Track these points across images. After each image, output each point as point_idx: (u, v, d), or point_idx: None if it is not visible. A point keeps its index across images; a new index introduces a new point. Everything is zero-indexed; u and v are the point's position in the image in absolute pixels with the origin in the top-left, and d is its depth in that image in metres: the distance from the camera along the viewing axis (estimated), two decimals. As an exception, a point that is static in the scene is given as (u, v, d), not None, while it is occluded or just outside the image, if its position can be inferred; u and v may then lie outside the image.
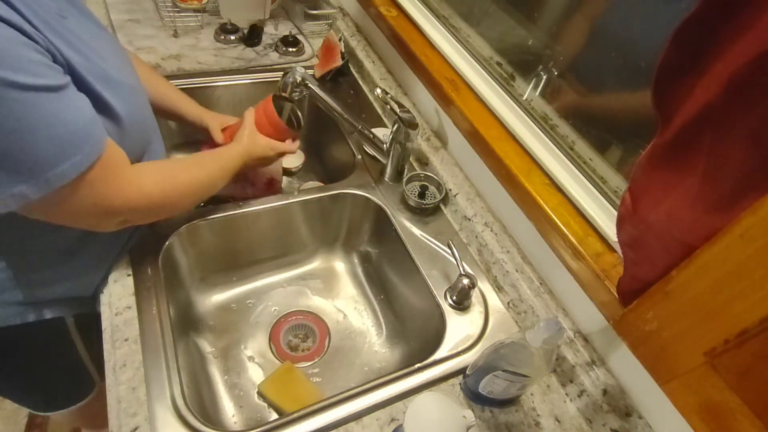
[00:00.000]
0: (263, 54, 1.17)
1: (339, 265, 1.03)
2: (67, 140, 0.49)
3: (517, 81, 0.87)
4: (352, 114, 0.88)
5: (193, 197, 0.71)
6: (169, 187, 0.65)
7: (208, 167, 0.74)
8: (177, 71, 1.06)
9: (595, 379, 0.67)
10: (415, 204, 0.90)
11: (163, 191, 0.64)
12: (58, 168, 0.49)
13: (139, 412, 0.58)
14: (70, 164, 0.50)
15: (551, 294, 0.75)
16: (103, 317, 0.67)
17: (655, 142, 0.48)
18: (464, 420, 0.53)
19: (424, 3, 1.09)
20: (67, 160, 0.49)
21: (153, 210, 0.64)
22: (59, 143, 0.48)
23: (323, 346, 0.89)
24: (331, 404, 0.63)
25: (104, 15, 1.15)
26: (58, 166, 0.49)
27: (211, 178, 0.74)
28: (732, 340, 0.43)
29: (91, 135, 0.52)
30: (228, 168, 0.77)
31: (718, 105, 0.42)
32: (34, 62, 0.46)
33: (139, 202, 0.60)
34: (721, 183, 0.44)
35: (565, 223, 0.70)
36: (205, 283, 0.92)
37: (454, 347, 0.73)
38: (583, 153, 0.75)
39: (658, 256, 0.50)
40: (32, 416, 1.38)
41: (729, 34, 0.40)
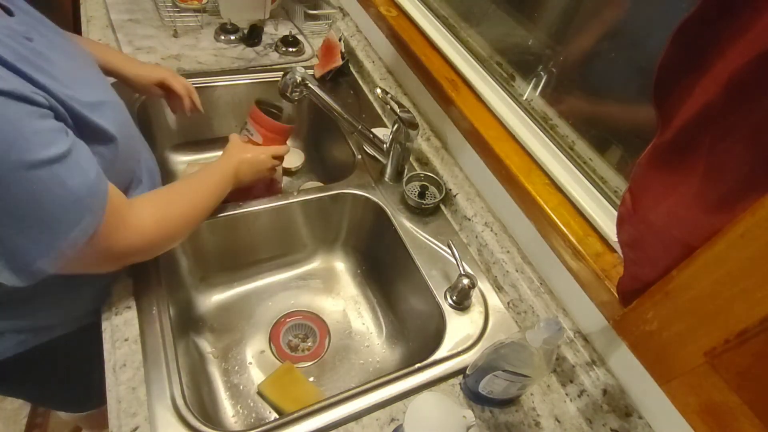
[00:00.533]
0: (263, 54, 1.17)
1: (339, 265, 1.03)
2: (75, 206, 0.49)
3: (517, 81, 0.87)
4: (352, 114, 0.88)
5: (192, 225, 0.70)
6: (168, 223, 0.64)
7: (202, 189, 0.73)
8: (176, 71, 1.06)
9: (595, 379, 0.67)
10: (415, 204, 0.90)
11: (162, 229, 0.63)
12: (69, 236, 0.49)
13: (139, 412, 0.58)
14: (80, 229, 0.50)
15: (551, 294, 0.75)
16: (103, 317, 0.67)
17: (655, 142, 0.48)
18: (464, 420, 0.53)
19: (424, 3, 1.09)
20: (75, 227, 0.49)
21: (154, 248, 0.64)
22: (69, 212, 0.49)
23: (323, 346, 0.89)
24: (330, 404, 0.63)
25: (104, 15, 1.15)
26: (68, 234, 0.49)
27: (207, 199, 0.73)
28: (732, 340, 0.43)
29: (97, 193, 0.52)
30: (221, 183, 0.76)
31: (718, 105, 0.42)
32: (42, 132, 0.46)
33: (141, 245, 0.60)
34: (721, 183, 0.44)
35: (565, 223, 0.70)
36: (205, 283, 0.92)
37: (454, 347, 0.73)
38: (583, 153, 0.75)
39: (658, 256, 0.50)
40: (32, 416, 1.38)
41: (729, 34, 0.40)
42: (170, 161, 1.14)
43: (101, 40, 1.08)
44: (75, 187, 0.48)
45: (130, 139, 0.66)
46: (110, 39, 1.09)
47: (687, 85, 0.44)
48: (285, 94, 0.84)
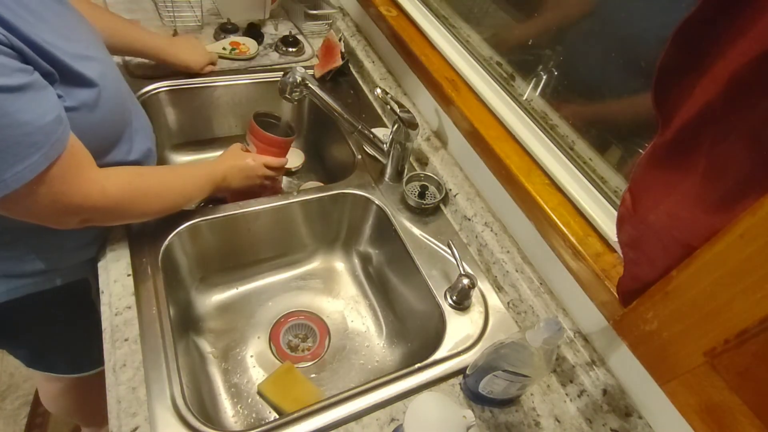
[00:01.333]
0: (263, 54, 1.17)
1: (339, 265, 1.03)
2: (23, 141, 0.49)
3: (517, 81, 0.87)
4: (352, 114, 0.88)
5: (162, 203, 0.71)
6: (135, 192, 0.65)
7: (183, 176, 0.75)
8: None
9: (595, 379, 0.67)
10: (415, 204, 0.90)
11: (127, 194, 0.64)
12: (14, 169, 0.49)
13: (139, 412, 0.58)
14: (27, 165, 0.50)
15: (551, 294, 0.75)
16: (103, 317, 0.67)
17: (655, 141, 0.48)
18: (464, 420, 0.53)
19: (424, 3, 1.09)
20: (22, 162, 0.50)
21: (115, 212, 0.64)
22: (14, 145, 0.49)
23: (323, 346, 0.89)
24: (331, 404, 0.63)
25: (104, 15, 1.15)
26: (13, 168, 0.49)
27: (185, 186, 0.74)
28: (732, 340, 0.43)
29: (51, 135, 0.52)
30: (205, 178, 0.77)
31: (718, 105, 0.42)
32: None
33: (101, 203, 0.60)
34: (721, 183, 0.44)
35: (565, 223, 0.70)
36: (205, 283, 0.92)
37: (454, 347, 0.73)
38: (583, 153, 0.75)
39: (658, 256, 0.50)
40: (32, 416, 1.38)
41: (729, 34, 0.40)
42: (170, 161, 1.14)
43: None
44: (24, 122, 0.49)
45: (118, 94, 0.67)
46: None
47: (687, 85, 0.44)
48: (285, 94, 0.84)
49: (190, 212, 0.83)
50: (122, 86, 0.70)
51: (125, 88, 0.72)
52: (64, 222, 0.61)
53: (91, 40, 0.66)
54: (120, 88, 0.68)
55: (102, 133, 0.64)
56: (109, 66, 0.67)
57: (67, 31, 0.59)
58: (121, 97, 0.68)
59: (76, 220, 0.61)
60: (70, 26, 0.62)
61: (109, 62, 0.68)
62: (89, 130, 0.59)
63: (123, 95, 0.69)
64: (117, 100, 0.66)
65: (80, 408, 1.13)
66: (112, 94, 0.64)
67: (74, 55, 0.57)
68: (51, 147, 0.52)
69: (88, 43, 0.64)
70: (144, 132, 0.76)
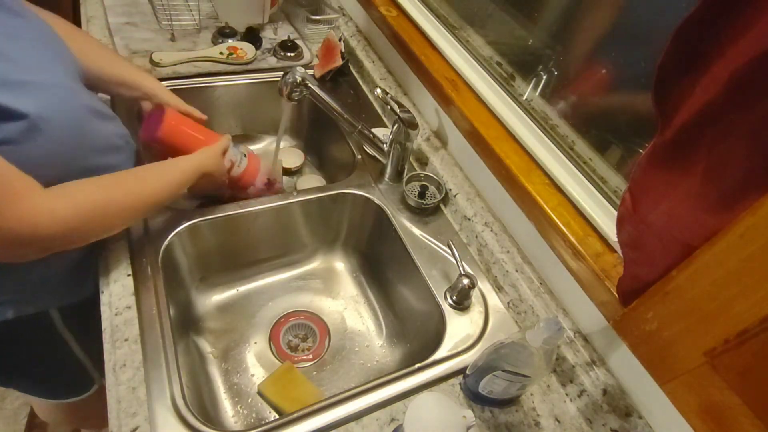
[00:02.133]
0: (261, 59, 1.17)
1: (339, 265, 1.03)
2: None
3: (517, 81, 0.87)
4: (352, 114, 0.88)
5: (129, 214, 0.65)
6: (94, 209, 0.59)
7: (152, 178, 0.68)
8: (173, 74, 1.06)
9: (595, 379, 0.67)
10: (415, 204, 0.90)
11: (84, 213, 0.58)
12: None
13: (139, 412, 0.58)
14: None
15: (551, 294, 0.75)
16: (103, 317, 0.67)
17: (655, 141, 0.48)
18: (464, 420, 0.53)
19: (424, 3, 1.09)
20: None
21: (73, 235, 0.58)
22: None
23: (323, 346, 0.89)
24: (331, 404, 0.63)
25: (102, 18, 1.15)
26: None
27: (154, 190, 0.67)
28: (732, 340, 0.43)
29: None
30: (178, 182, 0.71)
31: (718, 105, 0.42)
32: None
33: (52, 229, 0.54)
34: (721, 183, 0.44)
35: (565, 223, 0.70)
36: (205, 283, 0.92)
37: (454, 347, 0.73)
38: (583, 153, 0.75)
39: (658, 256, 0.50)
40: (32, 416, 1.38)
41: (729, 34, 0.40)
42: (170, 161, 1.14)
43: (100, 41, 1.08)
44: None
45: (69, 123, 0.59)
46: (107, 42, 1.09)
47: (687, 85, 0.44)
48: (285, 95, 0.84)
49: (190, 212, 0.83)
50: (77, 113, 0.62)
51: (83, 114, 0.63)
52: (20, 255, 0.56)
53: (44, 60, 0.59)
54: (74, 116, 0.60)
55: (45, 169, 0.56)
56: (59, 92, 0.59)
57: (6, 47, 0.54)
58: (73, 127, 0.60)
59: (32, 250, 0.56)
60: (14, 41, 0.56)
61: (63, 86, 0.60)
62: (23, 166, 0.52)
63: (77, 122, 0.61)
64: (66, 131, 0.59)
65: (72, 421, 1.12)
66: (59, 125, 0.57)
67: (6, 81, 0.51)
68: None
69: (37, 64, 0.57)
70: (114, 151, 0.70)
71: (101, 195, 0.60)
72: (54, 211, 0.54)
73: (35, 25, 0.62)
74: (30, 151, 0.54)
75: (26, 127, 0.53)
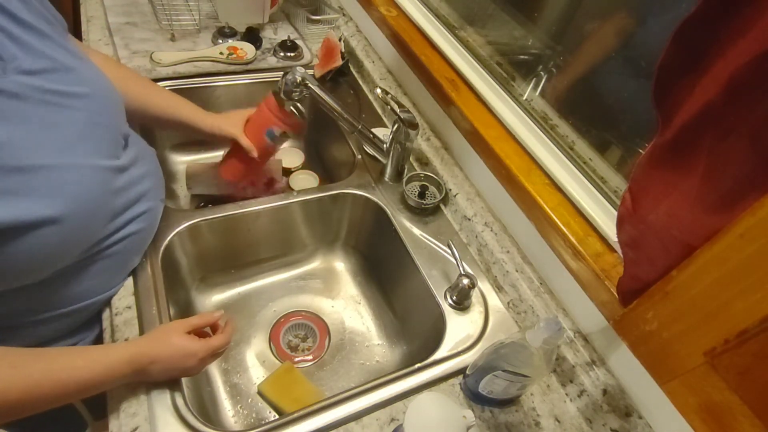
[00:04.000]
0: (261, 59, 1.17)
1: (339, 265, 1.03)
2: None
3: (517, 81, 0.87)
4: (352, 114, 0.88)
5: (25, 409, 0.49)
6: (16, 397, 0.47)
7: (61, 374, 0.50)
8: (173, 74, 1.06)
9: (595, 379, 0.67)
10: (415, 204, 0.90)
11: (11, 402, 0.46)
12: None
13: (139, 412, 0.58)
14: None
15: (551, 294, 0.75)
16: (103, 317, 0.67)
17: (655, 141, 0.48)
18: (464, 420, 0.53)
19: (424, 3, 1.09)
20: None
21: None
22: None
23: (323, 346, 0.89)
24: (331, 404, 0.63)
25: (102, 18, 1.15)
26: None
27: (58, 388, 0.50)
28: (732, 340, 0.43)
29: None
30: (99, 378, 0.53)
31: (718, 105, 0.42)
32: None
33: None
34: (721, 183, 0.44)
35: (565, 223, 0.70)
36: (205, 283, 0.92)
37: (454, 347, 0.73)
38: (583, 153, 0.75)
39: (658, 256, 0.51)
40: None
41: (729, 34, 0.40)
42: (170, 161, 1.14)
43: (100, 41, 1.08)
44: None
45: (91, 215, 0.53)
46: (108, 42, 1.09)
47: (687, 85, 0.44)
48: (285, 94, 0.84)
49: (190, 212, 0.83)
50: (95, 202, 0.53)
51: (101, 202, 0.55)
52: None
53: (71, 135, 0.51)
54: (86, 208, 0.52)
55: (22, 270, 0.49)
56: (78, 176, 0.51)
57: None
58: (77, 223, 0.52)
59: None
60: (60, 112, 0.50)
61: (87, 167, 0.53)
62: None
63: (87, 219, 0.53)
64: (69, 227, 0.50)
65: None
66: (84, 219, 0.51)
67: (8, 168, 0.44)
68: None
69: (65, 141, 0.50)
70: (113, 261, 0.62)
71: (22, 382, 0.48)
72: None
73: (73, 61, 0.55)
74: (23, 256, 0.46)
75: (53, 230, 0.47)
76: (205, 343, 0.61)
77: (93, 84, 0.57)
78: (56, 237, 0.49)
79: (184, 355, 0.59)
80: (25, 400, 0.48)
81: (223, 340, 0.64)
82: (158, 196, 0.72)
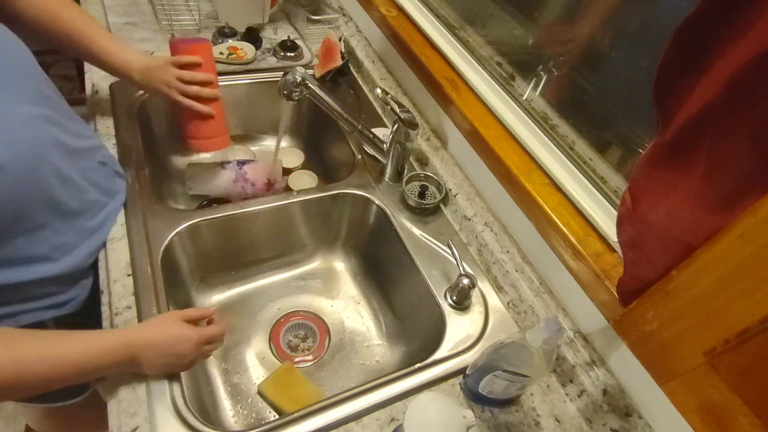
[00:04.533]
0: (261, 59, 1.17)
1: (339, 265, 1.03)
2: None
3: (517, 81, 0.87)
4: (352, 114, 0.88)
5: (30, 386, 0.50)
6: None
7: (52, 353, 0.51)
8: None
9: (595, 379, 0.67)
10: (415, 204, 0.90)
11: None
12: None
13: (139, 412, 0.58)
14: None
15: (551, 294, 0.75)
16: (103, 317, 0.67)
17: (655, 141, 0.48)
18: (464, 420, 0.53)
19: (424, 3, 1.09)
20: None
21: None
22: None
23: (323, 346, 0.89)
24: (331, 404, 0.63)
25: (102, 18, 1.15)
26: None
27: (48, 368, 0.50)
28: (732, 340, 0.43)
29: None
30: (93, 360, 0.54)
31: (718, 105, 0.42)
32: None
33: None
34: (721, 183, 0.44)
35: (565, 223, 0.70)
36: (205, 283, 0.92)
37: (454, 347, 0.73)
38: (583, 153, 0.75)
39: (658, 256, 0.50)
40: (32, 416, 1.37)
41: (730, 34, 0.40)
42: (170, 161, 1.14)
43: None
44: None
45: (33, 168, 0.53)
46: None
47: (687, 85, 0.44)
48: (285, 94, 0.84)
49: (190, 212, 0.83)
50: (37, 153, 0.54)
51: (47, 155, 0.56)
52: None
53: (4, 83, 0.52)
54: (28, 159, 0.53)
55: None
56: (14, 128, 0.52)
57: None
58: (21, 172, 0.52)
59: None
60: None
61: (21, 119, 0.53)
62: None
63: (32, 167, 0.54)
64: (17, 174, 0.52)
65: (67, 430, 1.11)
66: (26, 170, 0.51)
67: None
68: None
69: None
70: (79, 223, 0.63)
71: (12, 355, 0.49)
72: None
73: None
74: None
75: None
76: (200, 329, 0.62)
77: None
78: (3, 183, 0.50)
79: (179, 341, 0.60)
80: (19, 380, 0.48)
81: (217, 329, 0.65)
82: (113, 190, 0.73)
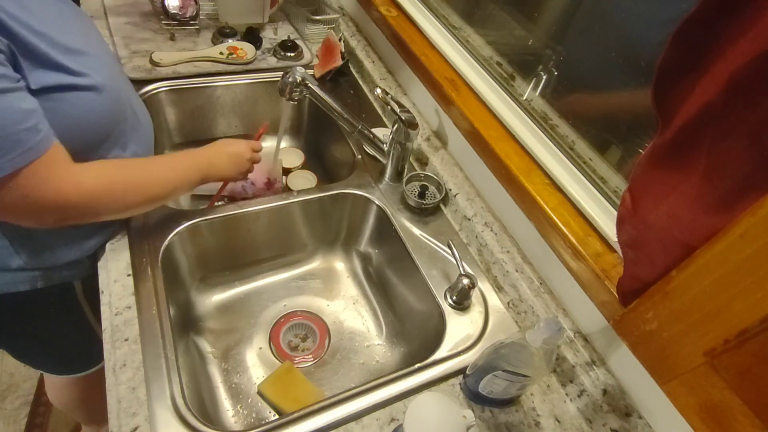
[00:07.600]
0: (261, 59, 1.17)
1: (339, 265, 1.03)
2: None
3: (517, 81, 0.87)
4: (352, 114, 0.88)
5: (144, 196, 0.67)
6: (114, 185, 0.63)
7: (166, 165, 0.73)
8: (173, 74, 1.06)
9: (595, 379, 0.67)
10: (415, 204, 0.90)
11: (104, 187, 0.62)
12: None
13: (139, 412, 0.58)
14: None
15: (551, 294, 0.75)
16: (103, 317, 0.67)
17: (655, 141, 0.48)
18: (464, 420, 0.53)
19: (424, 3, 1.09)
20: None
21: (91, 207, 0.62)
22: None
23: (323, 346, 0.89)
24: (331, 404, 0.63)
25: (102, 18, 1.15)
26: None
27: (168, 177, 0.71)
28: (732, 340, 0.43)
29: (20, 143, 0.51)
30: (192, 167, 0.74)
31: (718, 105, 0.42)
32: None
33: (75, 199, 0.59)
34: (721, 183, 0.44)
35: (565, 223, 0.70)
36: (205, 283, 0.92)
37: (454, 347, 0.73)
38: (583, 153, 0.75)
39: (658, 256, 0.50)
40: (32, 416, 1.38)
41: (730, 34, 0.40)
42: (170, 161, 1.14)
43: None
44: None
45: (117, 90, 0.67)
46: (108, 42, 1.09)
47: (687, 85, 0.44)
48: (285, 94, 0.84)
49: (190, 212, 0.83)
50: (119, 84, 0.69)
51: (123, 87, 0.71)
52: (39, 219, 0.60)
53: (86, 34, 0.66)
54: (116, 86, 0.67)
55: (87, 127, 0.63)
56: (105, 63, 0.66)
57: (61, 22, 0.60)
58: (113, 95, 0.66)
59: (52, 217, 0.60)
60: (63, 17, 0.62)
61: (106, 59, 0.68)
62: (69, 127, 0.59)
63: (118, 93, 0.68)
64: (114, 102, 0.66)
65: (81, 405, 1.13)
66: (110, 95, 0.64)
67: (66, 48, 0.57)
68: (21, 155, 0.51)
69: (82, 37, 0.63)
70: (141, 133, 0.75)
71: (122, 174, 0.65)
72: (80, 183, 0.59)
73: (71, 5, 0.68)
74: (83, 111, 0.61)
75: (97, 95, 0.61)
76: (246, 142, 0.84)
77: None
78: (98, 104, 0.63)
79: (231, 144, 0.82)
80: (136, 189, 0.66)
81: (258, 143, 0.86)
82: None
